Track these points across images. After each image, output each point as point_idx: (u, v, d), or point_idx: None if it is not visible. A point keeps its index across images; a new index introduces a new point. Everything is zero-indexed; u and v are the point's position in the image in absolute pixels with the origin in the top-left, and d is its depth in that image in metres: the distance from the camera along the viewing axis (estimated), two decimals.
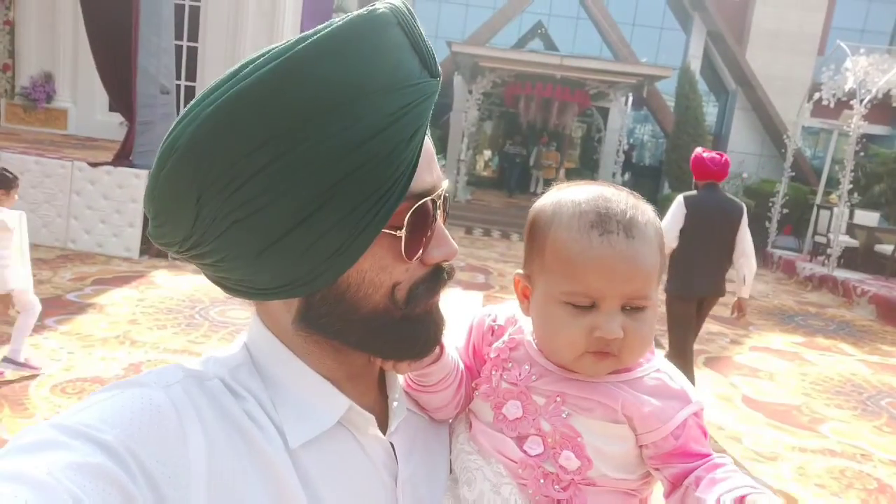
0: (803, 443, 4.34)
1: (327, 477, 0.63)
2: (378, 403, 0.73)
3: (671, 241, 4.13)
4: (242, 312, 5.52)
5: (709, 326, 7.12)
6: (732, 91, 17.30)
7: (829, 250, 10.49)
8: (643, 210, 0.74)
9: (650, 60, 16.80)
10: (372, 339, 0.64)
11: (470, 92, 14.22)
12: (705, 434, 0.74)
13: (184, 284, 6.21)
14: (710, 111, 18.18)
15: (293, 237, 0.55)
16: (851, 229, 11.17)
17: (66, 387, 3.82)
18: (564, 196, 0.77)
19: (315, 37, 0.54)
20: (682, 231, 4.16)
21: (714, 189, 4.23)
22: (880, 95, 10.32)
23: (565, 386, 0.75)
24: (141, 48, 6.95)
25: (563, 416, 0.73)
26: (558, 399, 0.74)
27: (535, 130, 17.29)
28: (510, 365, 0.78)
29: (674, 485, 0.73)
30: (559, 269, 0.72)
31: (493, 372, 0.79)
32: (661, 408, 0.72)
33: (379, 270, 0.61)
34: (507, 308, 0.86)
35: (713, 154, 4.26)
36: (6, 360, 3.84)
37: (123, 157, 7.36)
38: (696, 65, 16.52)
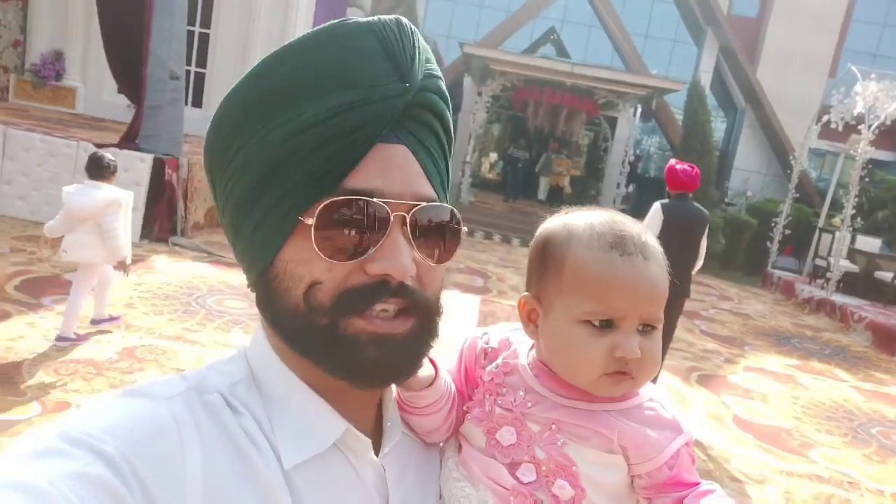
0: (791, 467, 4.34)
1: (320, 499, 0.63)
2: (374, 422, 0.73)
3: None
4: (238, 302, 5.52)
5: (704, 344, 7.13)
6: (741, 108, 17.31)
7: (828, 274, 10.49)
8: (650, 234, 0.76)
9: (661, 73, 16.84)
10: (300, 343, 0.63)
11: (479, 94, 14.21)
12: (694, 461, 0.75)
13: (183, 271, 6.21)
14: (718, 127, 18.18)
15: (249, 216, 0.62)
16: (852, 254, 11.16)
17: (59, 367, 3.82)
18: (574, 219, 0.77)
19: (292, 41, 0.61)
20: (660, 235, 4.23)
21: (685, 198, 4.64)
22: (889, 122, 10.31)
23: (561, 413, 0.74)
24: (153, 33, 6.95)
25: (559, 444, 0.73)
26: (553, 427, 0.74)
27: (542, 136, 17.27)
28: (504, 390, 0.77)
29: None
30: (581, 288, 0.72)
31: (487, 396, 0.78)
32: (657, 438, 0.73)
33: (299, 263, 0.60)
34: (501, 330, 0.85)
35: (685, 167, 4.63)
36: (94, 321, 4.45)
37: (129, 139, 7.36)
38: (706, 80, 16.52)
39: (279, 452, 0.62)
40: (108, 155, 4.27)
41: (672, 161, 4.74)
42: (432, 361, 0.73)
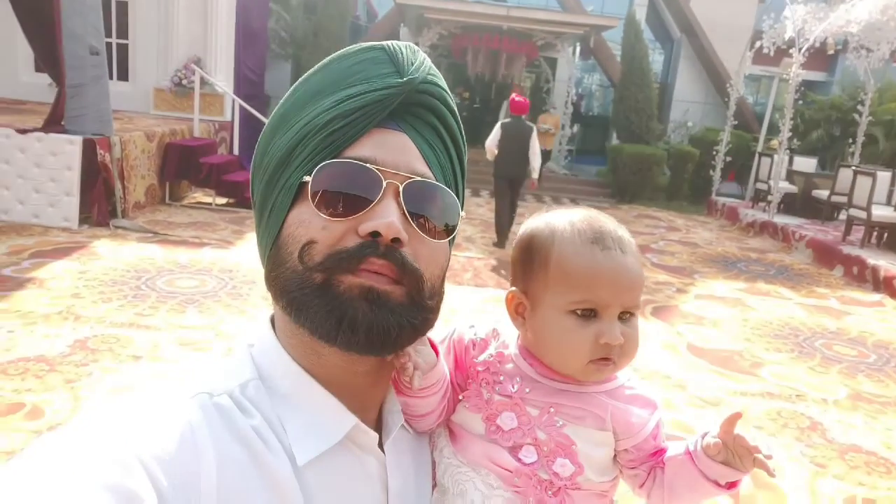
0: (744, 387, 4.55)
1: (329, 494, 0.66)
2: (372, 412, 0.76)
3: (495, 149, 7.72)
4: (190, 281, 5.42)
5: (656, 276, 7.34)
6: (677, 39, 17.42)
7: (769, 196, 10.83)
8: (624, 229, 0.84)
9: (596, 10, 16.71)
10: (297, 304, 0.65)
11: (416, 44, 13.91)
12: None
13: (128, 254, 6.03)
14: (657, 59, 18.28)
15: (270, 197, 0.68)
16: (791, 175, 11.53)
17: (6, 368, 3.70)
18: (556, 218, 0.84)
19: (324, 61, 0.73)
20: (500, 142, 7.70)
21: (519, 119, 7.74)
22: (817, 44, 10.54)
23: (558, 397, 0.81)
24: (65, 7, 6.55)
25: (558, 425, 0.80)
26: (552, 410, 0.81)
27: (485, 82, 17.06)
28: (501, 378, 0.83)
29: (649, 475, 0.85)
30: (567, 281, 0.79)
31: (484, 385, 0.84)
32: (640, 414, 0.83)
33: (299, 225, 0.65)
34: (488, 322, 0.91)
35: (519, 98, 7.81)
36: None
37: (54, 122, 7.00)
38: (641, 13, 16.52)
39: (292, 450, 0.64)
40: None
41: (513, 94, 7.96)
42: (432, 343, 0.77)
